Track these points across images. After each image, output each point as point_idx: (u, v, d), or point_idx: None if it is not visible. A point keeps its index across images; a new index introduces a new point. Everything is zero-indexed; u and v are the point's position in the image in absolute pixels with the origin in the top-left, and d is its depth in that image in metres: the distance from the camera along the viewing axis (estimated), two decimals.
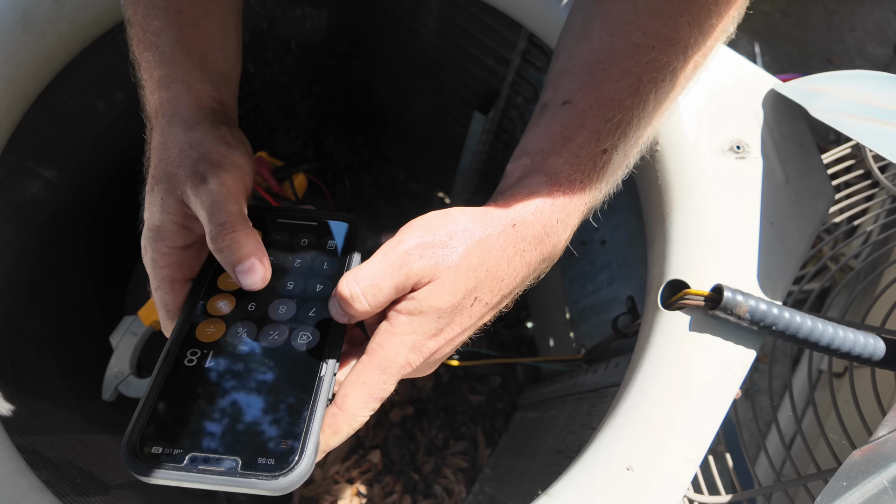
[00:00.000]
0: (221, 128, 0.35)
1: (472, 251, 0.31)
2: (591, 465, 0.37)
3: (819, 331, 0.37)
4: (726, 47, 0.46)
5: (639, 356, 0.40)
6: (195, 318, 0.31)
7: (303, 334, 0.31)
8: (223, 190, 0.32)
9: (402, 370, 0.30)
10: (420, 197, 1.07)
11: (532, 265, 0.33)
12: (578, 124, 0.34)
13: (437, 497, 0.89)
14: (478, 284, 0.31)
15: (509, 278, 0.32)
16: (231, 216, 0.31)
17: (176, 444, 0.26)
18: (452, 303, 0.30)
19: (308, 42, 0.74)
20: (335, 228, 0.36)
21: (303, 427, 0.27)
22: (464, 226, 0.31)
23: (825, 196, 0.42)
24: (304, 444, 0.27)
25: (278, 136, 0.84)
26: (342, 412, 0.29)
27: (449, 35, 0.66)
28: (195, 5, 0.37)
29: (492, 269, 0.31)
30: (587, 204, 0.34)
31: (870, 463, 0.33)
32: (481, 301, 0.32)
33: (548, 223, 0.33)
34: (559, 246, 0.34)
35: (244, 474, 0.25)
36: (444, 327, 0.31)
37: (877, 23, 1.54)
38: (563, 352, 0.79)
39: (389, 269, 0.29)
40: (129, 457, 0.26)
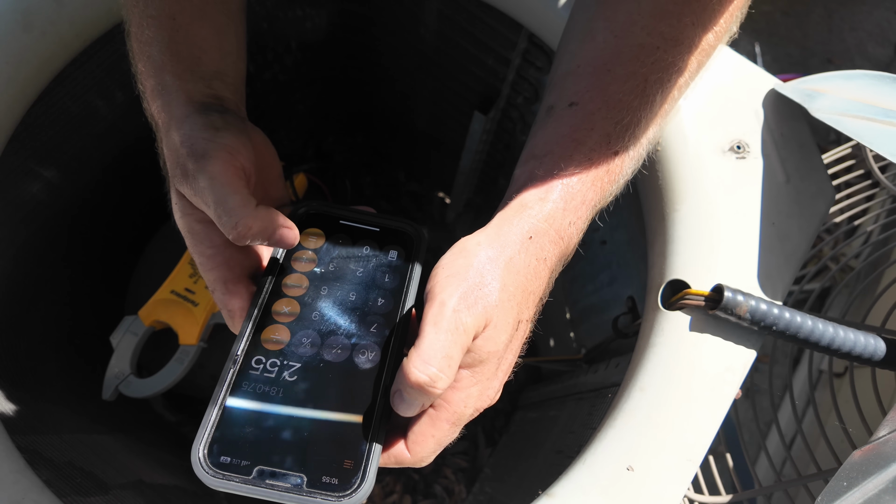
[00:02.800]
0: (211, 114, 0.34)
1: (506, 281, 0.30)
2: (592, 466, 0.37)
3: (819, 331, 0.37)
4: (727, 47, 0.46)
5: (639, 356, 0.40)
6: (260, 322, 0.31)
7: (364, 350, 0.30)
8: (215, 184, 0.31)
9: (471, 418, 0.31)
10: (420, 197, 1.07)
11: (551, 267, 0.33)
12: (588, 127, 0.33)
13: (438, 497, 0.89)
14: (521, 309, 0.31)
15: (539, 289, 0.33)
16: (234, 212, 0.30)
17: (244, 454, 0.26)
18: (508, 337, 0.31)
19: (308, 42, 0.74)
20: (397, 237, 0.35)
21: (365, 448, 0.27)
22: (487, 256, 0.31)
23: (825, 196, 0.42)
24: (367, 466, 0.26)
25: (278, 136, 0.84)
26: (410, 456, 0.30)
27: (449, 35, 0.66)
28: (187, 10, 0.37)
29: (525, 288, 0.32)
30: (597, 206, 0.34)
31: (870, 463, 0.33)
32: (524, 321, 0.32)
33: (561, 227, 0.33)
34: (571, 245, 0.34)
35: (309, 492, 0.25)
36: (502, 362, 0.31)
37: (877, 23, 1.54)
38: (564, 352, 0.79)
39: (451, 336, 0.28)
40: (200, 464, 0.26)
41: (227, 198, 0.30)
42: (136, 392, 0.50)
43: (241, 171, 0.33)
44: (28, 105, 0.46)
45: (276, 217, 0.31)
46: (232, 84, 0.39)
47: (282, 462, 0.26)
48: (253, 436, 0.27)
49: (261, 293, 0.32)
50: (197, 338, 0.52)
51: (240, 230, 0.30)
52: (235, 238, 0.30)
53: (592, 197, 0.33)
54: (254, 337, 0.30)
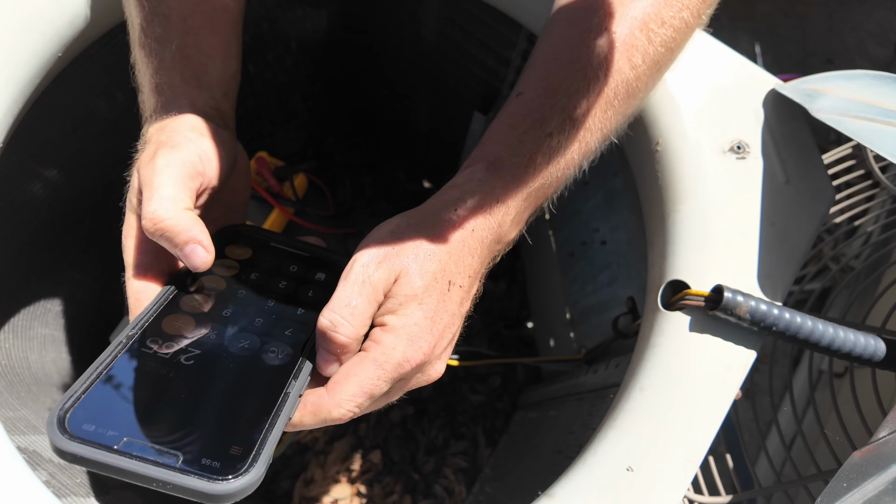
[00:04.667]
0: (209, 122, 0.35)
1: (421, 240, 0.32)
2: (592, 466, 0.37)
3: (819, 331, 0.37)
4: (726, 47, 0.46)
5: (639, 356, 0.40)
6: (165, 310, 0.30)
7: (274, 349, 0.30)
8: (163, 171, 0.31)
9: (400, 368, 0.30)
10: (420, 197, 1.07)
11: (486, 243, 0.33)
12: (524, 112, 0.34)
13: (438, 497, 0.89)
14: (444, 267, 0.32)
15: (470, 259, 0.33)
16: (163, 202, 0.30)
17: (112, 425, 0.24)
18: (425, 285, 0.31)
19: (308, 42, 0.74)
20: (326, 263, 0.35)
21: (258, 437, 0.25)
22: (406, 223, 0.32)
23: (826, 196, 0.42)
24: (256, 455, 0.25)
25: (278, 136, 0.84)
26: (328, 397, 0.29)
27: (449, 35, 0.66)
28: (200, 14, 0.37)
29: (451, 251, 0.32)
30: (533, 187, 0.34)
31: (870, 464, 0.33)
32: (455, 284, 0.32)
33: (488, 203, 0.33)
34: (505, 226, 0.34)
35: (183, 471, 0.23)
36: (433, 315, 0.31)
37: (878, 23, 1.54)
38: (564, 352, 0.79)
39: (355, 287, 0.29)
40: (55, 427, 0.24)
41: (163, 187, 0.30)
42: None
43: (197, 176, 0.32)
44: (28, 105, 0.46)
45: (195, 229, 0.30)
46: (230, 98, 0.40)
47: (157, 438, 0.24)
48: (128, 410, 0.25)
49: (171, 286, 0.31)
50: None
51: (152, 218, 0.29)
52: (146, 226, 0.30)
53: (526, 179, 0.34)
54: (154, 321, 0.29)
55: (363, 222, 1.04)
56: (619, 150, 0.50)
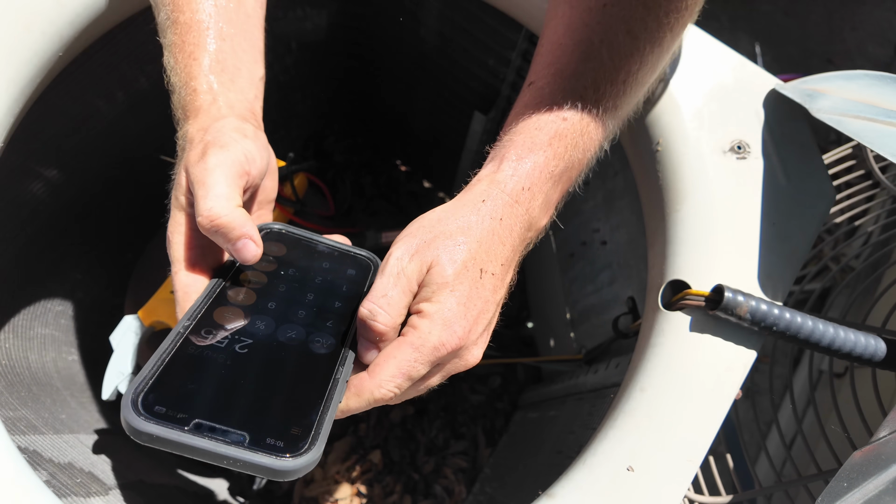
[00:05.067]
0: (246, 126, 0.37)
1: (452, 231, 0.33)
2: (592, 466, 0.37)
3: (820, 331, 0.37)
4: (726, 47, 0.46)
5: (639, 356, 0.40)
6: (215, 302, 0.31)
7: (319, 339, 0.31)
8: (215, 170, 0.32)
9: (436, 351, 0.31)
10: (420, 197, 1.08)
11: (515, 231, 0.35)
12: (538, 101, 0.36)
13: (438, 497, 0.89)
14: (475, 255, 0.33)
15: (501, 246, 0.35)
16: (219, 200, 0.31)
17: (181, 408, 0.26)
18: (456, 273, 0.32)
19: (309, 42, 0.74)
20: (355, 260, 0.38)
21: (315, 418, 0.27)
22: (437, 216, 0.34)
23: (826, 196, 0.42)
24: (315, 436, 0.26)
25: (278, 136, 0.84)
26: (370, 378, 0.31)
27: (449, 35, 0.66)
28: (234, 23, 0.39)
29: (482, 240, 0.34)
30: (557, 172, 0.36)
31: (870, 464, 0.33)
32: (487, 272, 0.34)
33: (514, 192, 0.35)
34: (534, 212, 0.36)
35: (251, 449, 0.25)
36: (465, 301, 0.32)
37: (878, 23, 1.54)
38: (564, 352, 0.79)
39: (391, 279, 0.32)
40: (130, 409, 0.25)
41: (217, 185, 0.32)
42: None
43: (244, 175, 0.34)
44: (28, 105, 0.46)
45: (248, 225, 0.32)
46: (261, 101, 0.41)
47: (225, 419, 0.26)
48: (196, 393, 0.27)
49: (218, 279, 0.33)
50: None
51: (209, 215, 0.31)
52: (202, 222, 0.31)
53: (547, 163, 0.35)
54: (206, 312, 0.31)
55: (363, 222, 1.04)
56: (620, 150, 0.50)
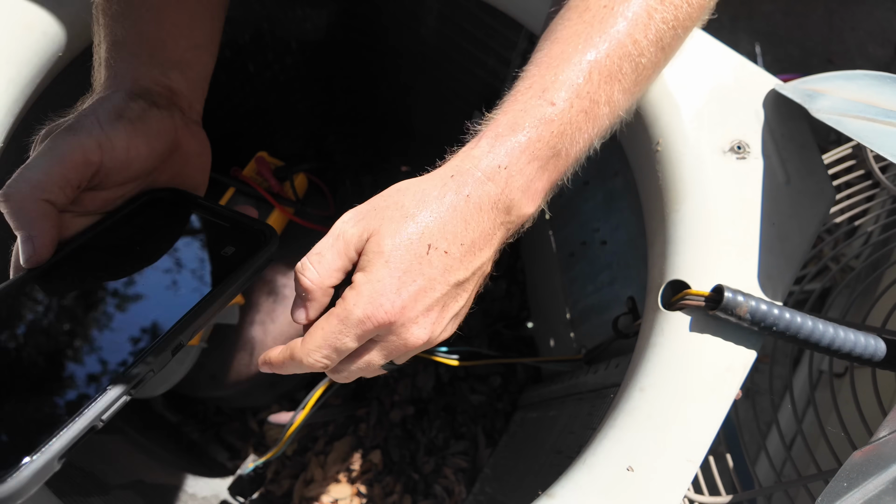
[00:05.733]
0: (138, 102, 0.34)
1: (406, 202, 0.33)
2: (592, 466, 0.37)
3: (820, 331, 0.37)
4: (726, 47, 0.46)
5: (639, 356, 0.40)
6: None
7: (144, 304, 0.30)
8: (47, 154, 0.31)
9: (361, 325, 0.31)
10: None
11: (486, 212, 0.33)
12: (527, 85, 0.35)
13: (438, 497, 0.89)
14: (424, 231, 0.32)
15: (464, 225, 0.33)
16: (20, 184, 0.30)
17: None
18: (395, 244, 0.31)
19: (309, 42, 0.74)
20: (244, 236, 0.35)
21: (41, 440, 0.23)
22: (400, 186, 0.34)
23: (826, 196, 0.42)
24: (27, 461, 0.23)
25: (279, 136, 0.84)
26: (301, 345, 0.32)
27: (449, 35, 0.66)
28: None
29: (438, 217, 0.32)
30: (542, 156, 0.34)
31: (870, 463, 0.33)
32: (439, 249, 0.32)
33: (488, 168, 0.33)
34: (512, 194, 0.33)
35: None
36: (401, 275, 0.31)
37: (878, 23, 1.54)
38: (564, 352, 0.79)
39: (330, 240, 0.32)
40: None
41: (32, 170, 0.30)
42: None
43: (86, 165, 0.32)
44: (28, 105, 0.46)
45: (38, 224, 0.30)
46: (194, 79, 0.38)
47: None
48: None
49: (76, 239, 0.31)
50: (197, 338, 0.52)
51: (4, 194, 0.30)
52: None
53: (530, 144, 0.34)
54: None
55: None
56: (620, 150, 0.50)
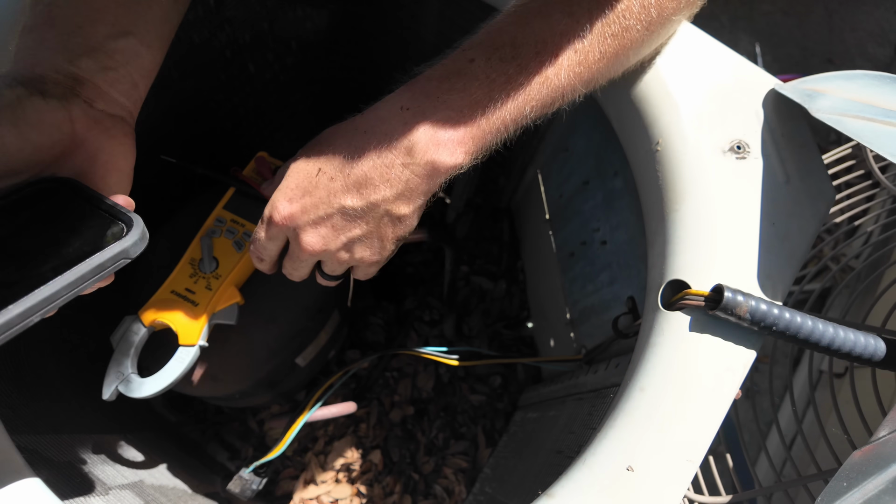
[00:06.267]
0: (18, 89, 0.31)
1: (322, 135, 0.41)
2: (592, 466, 0.37)
3: (819, 331, 0.37)
4: (726, 47, 0.46)
5: (639, 356, 0.40)
6: None
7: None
8: None
9: (267, 223, 0.41)
10: None
11: (383, 149, 0.37)
12: (458, 49, 0.37)
13: (438, 497, 0.89)
14: (319, 156, 0.39)
15: (353, 156, 0.38)
16: None
17: None
18: (295, 166, 0.40)
19: (309, 42, 0.74)
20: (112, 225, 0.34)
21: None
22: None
23: (826, 196, 0.42)
24: None
25: (279, 136, 0.84)
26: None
27: (449, 35, 0.66)
28: None
29: (332, 143, 0.39)
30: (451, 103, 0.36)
31: (870, 463, 0.33)
32: (325, 173, 0.38)
33: (390, 110, 0.37)
34: (415, 136, 0.36)
35: None
36: (294, 186, 0.39)
37: (878, 23, 1.54)
38: (564, 352, 0.79)
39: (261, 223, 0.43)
40: None
41: None
42: (136, 392, 0.50)
43: None
44: None
45: None
46: (116, 70, 0.35)
47: None
48: None
49: None
50: (197, 338, 0.52)
51: None
52: None
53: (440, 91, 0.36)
54: None
55: None
56: (619, 149, 0.50)
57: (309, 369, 0.71)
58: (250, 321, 0.57)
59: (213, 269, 0.54)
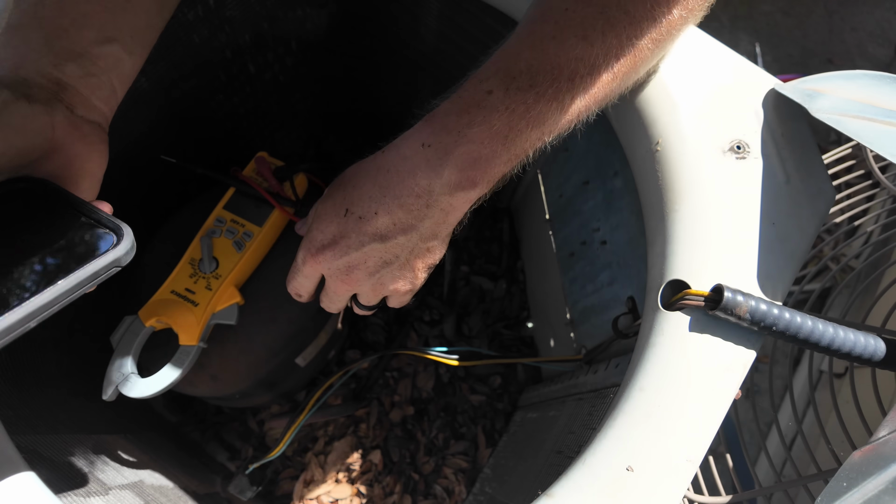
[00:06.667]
0: (2, 92, 0.31)
1: (344, 176, 0.41)
2: (591, 466, 0.37)
3: (819, 331, 0.37)
4: (726, 47, 0.46)
5: (639, 356, 0.40)
6: None
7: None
8: None
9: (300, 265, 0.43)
10: None
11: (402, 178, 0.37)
12: (474, 80, 0.37)
13: (438, 497, 0.89)
14: (345, 195, 0.39)
15: (376, 189, 0.38)
16: None
17: None
18: (323, 208, 0.41)
19: (309, 42, 0.74)
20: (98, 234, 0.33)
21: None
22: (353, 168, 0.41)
23: (826, 196, 0.42)
24: None
25: (279, 136, 0.84)
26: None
27: (449, 35, 0.66)
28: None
29: (357, 185, 0.39)
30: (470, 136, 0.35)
31: (870, 463, 0.33)
32: (354, 214, 0.39)
33: (412, 146, 0.37)
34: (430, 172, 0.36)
35: None
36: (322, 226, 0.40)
37: (878, 23, 1.54)
38: (564, 352, 0.79)
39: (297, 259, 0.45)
40: None
41: None
42: (136, 392, 0.50)
43: None
44: None
45: None
46: (99, 77, 0.35)
47: None
48: None
49: None
50: (197, 338, 0.52)
51: None
52: None
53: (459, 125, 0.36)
54: None
55: None
56: (619, 149, 0.50)
57: (309, 369, 0.71)
58: (250, 321, 0.57)
59: (213, 269, 0.54)
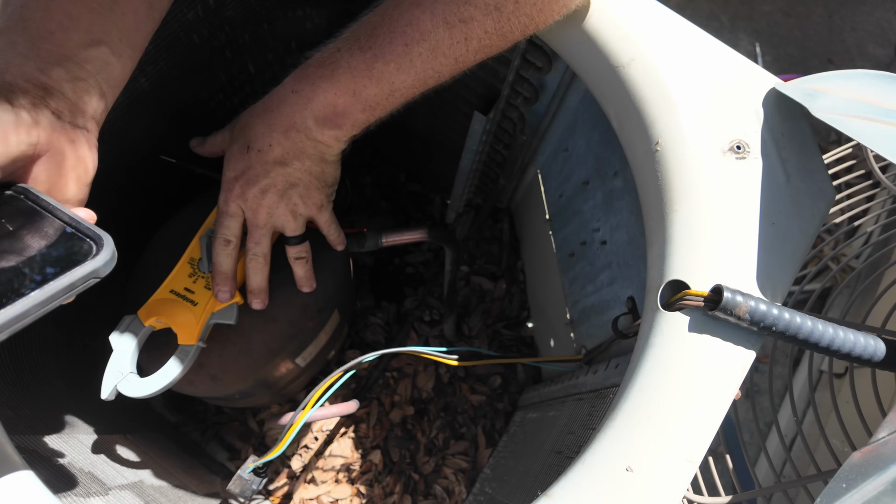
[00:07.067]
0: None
1: (239, 121, 0.49)
2: (591, 466, 0.37)
3: (819, 331, 0.36)
4: (726, 47, 0.46)
5: (638, 357, 0.40)
6: None
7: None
8: None
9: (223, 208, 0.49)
10: (420, 197, 1.07)
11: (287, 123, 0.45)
12: (336, 38, 0.45)
13: (438, 497, 0.89)
14: (245, 137, 0.47)
15: (266, 127, 0.46)
16: None
17: None
18: (230, 152, 0.49)
19: (309, 42, 0.74)
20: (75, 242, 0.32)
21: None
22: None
23: (826, 196, 0.42)
24: None
25: None
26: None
27: None
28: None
29: (252, 124, 0.47)
30: (324, 87, 0.44)
31: (869, 464, 0.33)
32: (254, 149, 0.47)
33: (286, 91, 0.46)
34: (307, 114, 0.45)
35: None
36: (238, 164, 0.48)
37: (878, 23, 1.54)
38: (564, 352, 0.79)
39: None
40: None
41: None
42: (135, 392, 0.50)
43: None
44: None
45: None
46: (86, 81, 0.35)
47: None
48: None
49: None
50: (196, 337, 0.52)
51: None
52: None
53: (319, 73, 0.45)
54: None
55: (363, 222, 1.04)
56: (619, 149, 0.50)
57: (309, 369, 0.71)
58: (250, 321, 0.57)
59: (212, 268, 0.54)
